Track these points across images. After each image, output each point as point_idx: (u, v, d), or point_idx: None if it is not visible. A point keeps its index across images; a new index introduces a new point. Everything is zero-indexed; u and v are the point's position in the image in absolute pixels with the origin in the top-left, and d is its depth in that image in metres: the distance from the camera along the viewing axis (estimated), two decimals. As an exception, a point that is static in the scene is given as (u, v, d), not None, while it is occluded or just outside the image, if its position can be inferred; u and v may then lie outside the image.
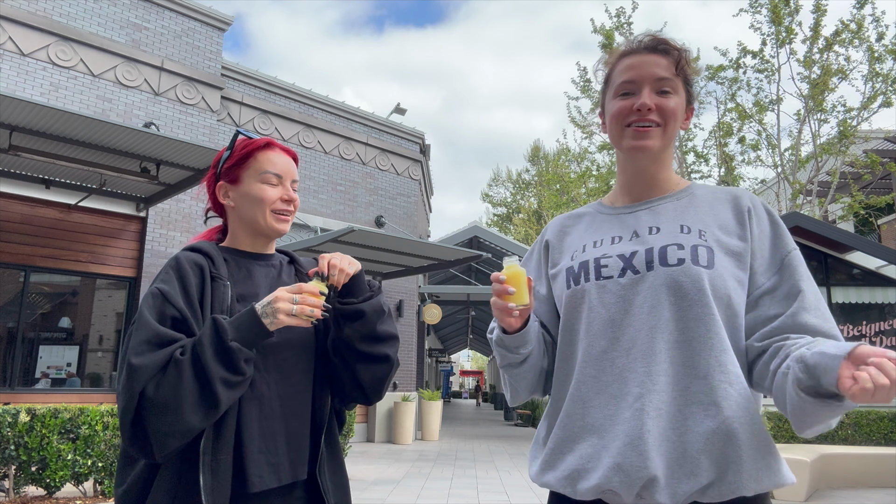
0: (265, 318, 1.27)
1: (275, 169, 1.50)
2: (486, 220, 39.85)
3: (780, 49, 14.50)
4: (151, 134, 7.22)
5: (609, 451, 1.17)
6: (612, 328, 1.23)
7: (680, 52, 1.32)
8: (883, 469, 7.65)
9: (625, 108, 1.31)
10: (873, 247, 10.00)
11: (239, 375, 1.24)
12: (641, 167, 1.35)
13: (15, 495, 5.56)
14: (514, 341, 1.29)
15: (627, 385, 1.18)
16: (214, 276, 1.40)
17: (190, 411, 1.20)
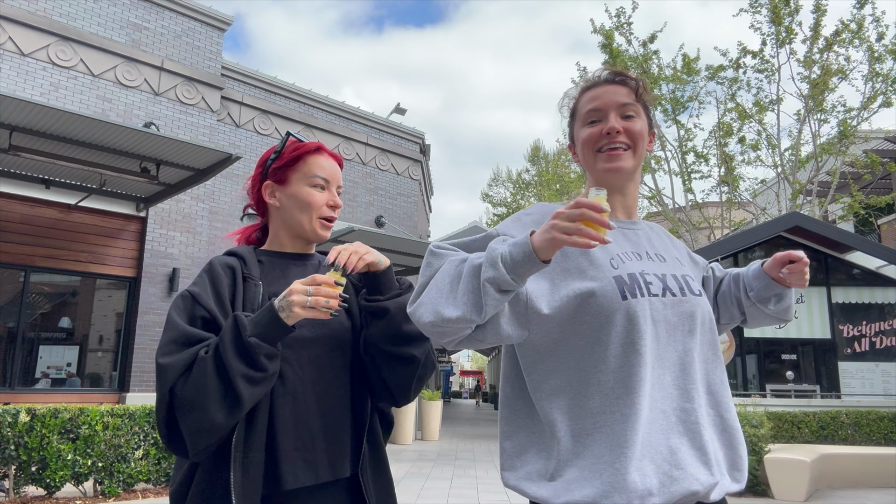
0: (282, 312, 1.25)
1: (323, 173, 1.51)
2: (486, 220, 39.84)
3: (780, 49, 14.51)
4: (151, 134, 7.22)
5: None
6: (658, 346, 1.25)
7: (637, 81, 1.42)
8: (883, 469, 7.65)
9: (594, 133, 1.38)
10: (873, 247, 10.00)
11: (260, 371, 1.24)
12: (619, 186, 1.41)
13: (15, 495, 5.57)
14: (534, 268, 1.09)
15: (689, 401, 1.25)
16: (246, 277, 1.41)
17: (214, 408, 1.21)
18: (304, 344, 1.38)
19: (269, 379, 1.26)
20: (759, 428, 7.29)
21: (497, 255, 1.09)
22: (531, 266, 1.08)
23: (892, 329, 10.12)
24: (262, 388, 1.26)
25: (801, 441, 8.45)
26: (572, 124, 1.48)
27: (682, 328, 1.27)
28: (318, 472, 1.34)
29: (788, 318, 1.50)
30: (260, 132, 12.15)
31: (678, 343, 1.26)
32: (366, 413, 1.46)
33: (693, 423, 1.22)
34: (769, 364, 10.32)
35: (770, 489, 7.04)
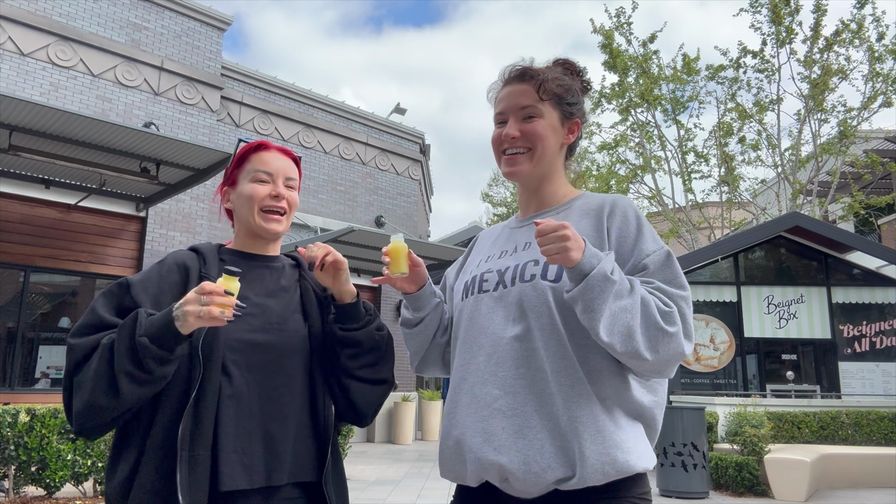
0: (177, 320, 1.23)
1: (265, 167, 1.51)
2: (486, 220, 39.83)
3: (781, 49, 14.50)
4: (151, 134, 7.22)
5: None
6: (483, 335, 1.38)
7: (541, 77, 1.43)
8: (883, 469, 7.64)
9: (497, 137, 1.47)
10: (873, 247, 10.00)
11: (144, 373, 1.22)
12: (527, 186, 1.50)
13: (15, 495, 5.56)
14: (410, 302, 1.49)
15: (486, 387, 1.34)
16: (203, 276, 1.41)
17: (98, 392, 1.24)
18: (253, 348, 1.38)
19: (156, 381, 1.25)
20: (759, 428, 7.29)
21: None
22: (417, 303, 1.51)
23: (892, 329, 10.11)
24: (147, 389, 1.25)
25: (802, 441, 8.45)
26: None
27: (508, 318, 1.35)
28: (253, 476, 1.32)
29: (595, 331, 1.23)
30: (260, 132, 12.14)
31: (501, 331, 1.35)
32: (329, 421, 1.45)
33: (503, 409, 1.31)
34: (769, 364, 10.31)
35: (770, 489, 7.03)
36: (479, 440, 1.32)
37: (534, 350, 1.31)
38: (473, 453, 1.32)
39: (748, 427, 7.32)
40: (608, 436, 1.25)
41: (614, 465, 1.23)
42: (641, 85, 15.34)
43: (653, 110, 15.65)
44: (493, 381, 1.34)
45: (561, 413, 1.26)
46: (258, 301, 1.45)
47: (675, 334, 1.24)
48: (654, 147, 16.06)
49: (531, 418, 1.28)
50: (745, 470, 7.11)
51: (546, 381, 1.29)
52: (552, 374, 1.29)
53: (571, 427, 1.25)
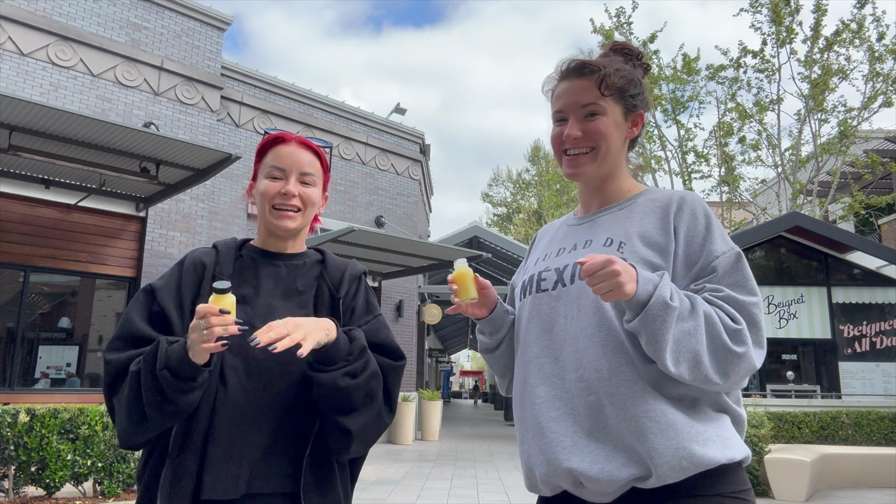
0: (190, 350, 1.21)
1: (279, 163, 1.46)
2: (487, 220, 39.84)
3: (781, 49, 14.50)
4: (151, 134, 7.21)
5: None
6: (545, 336, 1.35)
7: (604, 70, 1.33)
8: (883, 469, 7.64)
9: (557, 136, 1.39)
10: (873, 247, 9.99)
11: (168, 403, 1.23)
12: (589, 185, 1.44)
13: (15, 495, 5.56)
14: (485, 326, 1.47)
15: (550, 390, 1.31)
16: (217, 275, 1.40)
17: (131, 422, 1.27)
18: (256, 353, 1.31)
19: (181, 409, 1.25)
20: (759, 428, 7.29)
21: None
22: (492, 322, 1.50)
23: (892, 329, 10.11)
24: (174, 418, 1.27)
25: (802, 441, 8.45)
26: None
27: (569, 316, 1.31)
28: (238, 486, 1.29)
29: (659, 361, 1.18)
30: (260, 132, 12.14)
31: (557, 331, 1.32)
32: (310, 432, 1.36)
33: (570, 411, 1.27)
34: (769, 364, 10.31)
35: (770, 489, 7.03)
36: (545, 445, 1.27)
37: (596, 349, 1.25)
38: (542, 460, 1.28)
39: (748, 427, 7.32)
40: (681, 429, 1.17)
41: (692, 460, 1.15)
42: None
43: (653, 110, 15.65)
44: (557, 382, 1.30)
45: (629, 411, 1.20)
46: (266, 302, 1.41)
47: (744, 354, 1.18)
48: (654, 147, 16.06)
49: (598, 419, 1.23)
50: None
51: (610, 379, 1.23)
52: (616, 372, 1.23)
53: (640, 424, 1.18)
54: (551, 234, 1.55)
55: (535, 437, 1.30)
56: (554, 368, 1.31)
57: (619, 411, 1.21)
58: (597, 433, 1.23)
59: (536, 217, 34.09)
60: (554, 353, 1.32)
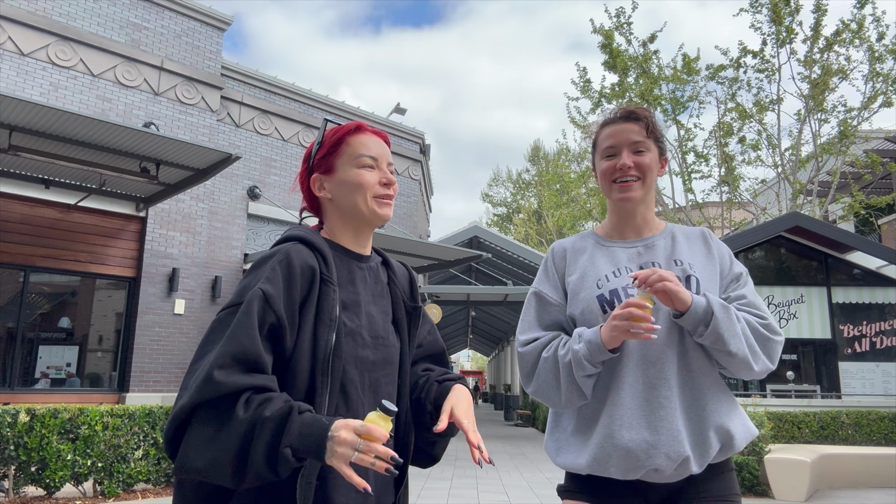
0: (326, 451, 1.10)
1: (369, 152, 1.39)
2: (486, 220, 39.85)
3: (781, 49, 14.49)
4: (151, 134, 7.21)
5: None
6: (644, 344, 1.55)
7: (648, 117, 1.68)
8: (883, 469, 7.64)
9: (609, 167, 1.66)
10: (873, 247, 9.99)
11: (274, 476, 1.12)
12: (631, 211, 1.70)
13: (15, 495, 5.56)
14: (606, 357, 1.52)
15: (658, 391, 1.53)
16: (325, 280, 1.28)
17: (221, 469, 1.10)
18: (367, 367, 1.30)
19: (280, 476, 1.14)
20: (759, 428, 7.29)
21: (580, 357, 1.51)
22: (603, 356, 1.50)
23: (892, 329, 10.11)
24: (264, 481, 1.14)
25: (802, 441, 8.45)
26: (594, 154, 1.74)
27: (662, 327, 1.54)
28: (368, 500, 1.27)
29: (725, 349, 1.51)
30: (260, 132, 12.14)
31: (656, 341, 1.54)
32: (410, 441, 1.38)
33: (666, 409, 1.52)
34: (769, 364, 10.31)
35: (770, 489, 7.03)
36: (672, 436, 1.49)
37: (676, 355, 1.55)
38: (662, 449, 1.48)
39: (748, 427, 7.32)
40: (741, 413, 1.59)
41: (750, 433, 1.59)
42: (641, 85, 15.34)
43: (653, 110, 15.65)
44: (657, 384, 1.52)
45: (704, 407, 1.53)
46: (368, 310, 1.35)
47: (781, 339, 1.58)
48: (654, 147, 16.03)
49: (674, 416, 1.50)
50: (745, 470, 7.11)
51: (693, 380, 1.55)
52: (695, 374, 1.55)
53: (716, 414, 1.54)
54: (589, 253, 1.72)
55: (654, 431, 1.50)
56: (648, 372, 1.54)
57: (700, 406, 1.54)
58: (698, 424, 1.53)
59: (536, 217, 34.08)
60: (651, 359, 1.54)
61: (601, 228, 1.78)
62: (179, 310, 10.13)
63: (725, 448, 1.54)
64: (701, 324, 1.49)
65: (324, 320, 1.24)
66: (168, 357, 9.90)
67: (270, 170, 12.11)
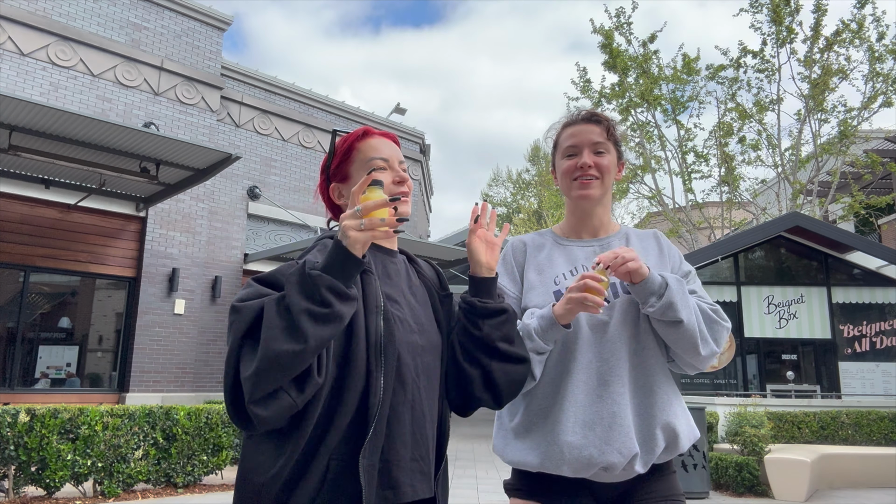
0: (344, 240, 1.15)
1: (379, 154, 1.43)
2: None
3: (781, 49, 14.49)
4: (151, 134, 7.21)
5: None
6: (597, 340, 1.58)
7: (609, 122, 1.73)
8: (883, 469, 7.64)
9: (571, 166, 1.70)
10: (873, 247, 9.99)
11: (323, 307, 1.10)
12: (589, 210, 1.74)
13: (15, 495, 5.56)
14: (559, 332, 1.53)
15: (611, 387, 1.55)
16: (365, 270, 1.31)
17: (277, 342, 1.08)
18: (418, 351, 1.33)
19: (336, 318, 1.12)
20: (759, 428, 7.28)
21: (530, 329, 1.51)
22: (556, 332, 1.51)
23: (892, 329, 10.11)
24: (329, 329, 1.12)
25: (802, 441, 8.45)
26: (554, 154, 1.78)
27: (617, 323, 1.58)
28: (432, 484, 1.28)
29: (675, 318, 1.52)
30: (260, 132, 12.14)
31: (608, 336, 1.57)
32: (447, 426, 1.42)
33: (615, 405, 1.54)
34: (769, 364, 10.31)
35: (770, 489, 7.03)
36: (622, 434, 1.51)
37: (635, 353, 1.58)
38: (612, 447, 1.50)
39: (748, 427, 7.31)
40: (687, 414, 1.62)
41: (694, 435, 1.61)
42: (641, 85, 15.34)
43: (653, 110, 15.65)
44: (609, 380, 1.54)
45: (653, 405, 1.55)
46: (407, 301, 1.39)
47: (729, 327, 1.63)
48: (654, 147, 16.06)
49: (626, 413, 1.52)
50: (745, 470, 7.10)
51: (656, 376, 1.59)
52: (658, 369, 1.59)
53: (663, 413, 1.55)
54: (547, 250, 1.75)
55: (607, 427, 1.50)
56: (604, 370, 1.56)
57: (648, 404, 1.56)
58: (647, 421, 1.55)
59: (536, 217, 34.08)
60: (605, 356, 1.56)
61: (559, 228, 1.82)
62: (179, 310, 10.13)
63: (670, 448, 1.55)
64: (654, 295, 1.51)
65: (370, 308, 1.27)
66: (168, 357, 9.90)
67: (270, 170, 12.11)
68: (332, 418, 1.20)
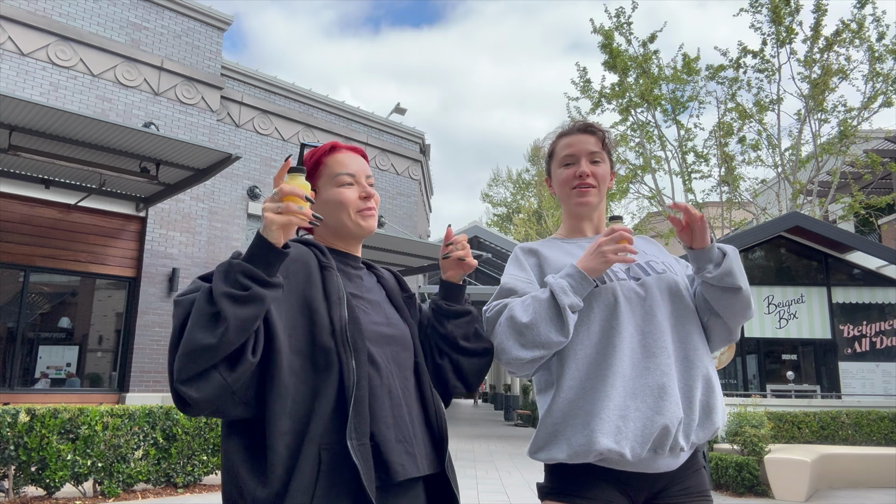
0: (264, 231, 1.18)
1: (347, 169, 1.47)
2: (487, 220, 39.84)
3: (781, 49, 14.49)
4: (151, 134, 7.21)
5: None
6: (638, 314, 1.60)
7: (603, 132, 1.78)
8: (883, 469, 7.64)
9: (569, 175, 1.75)
10: (873, 247, 9.99)
11: (243, 290, 1.14)
12: (587, 215, 1.79)
13: (15, 495, 5.56)
14: (589, 288, 1.56)
15: (658, 357, 1.56)
16: (325, 266, 1.36)
17: (200, 326, 1.13)
18: (386, 340, 1.40)
19: (255, 299, 1.15)
20: (759, 428, 7.28)
21: (562, 286, 1.52)
22: (587, 286, 1.54)
23: (892, 329, 10.11)
24: (249, 309, 1.14)
25: (802, 441, 8.45)
26: (549, 163, 1.84)
27: (651, 299, 1.61)
28: (419, 463, 1.33)
29: (737, 286, 1.58)
30: (260, 132, 12.14)
31: (646, 310, 1.60)
32: (443, 410, 1.48)
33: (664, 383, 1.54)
34: (769, 364, 10.31)
35: (770, 489, 7.03)
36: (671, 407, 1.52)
37: (676, 327, 1.62)
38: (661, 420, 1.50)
39: (748, 427, 7.31)
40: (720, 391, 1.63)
41: (725, 417, 1.67)
42: (641, 85, 15.34)
43: (653, 110, 15.66)
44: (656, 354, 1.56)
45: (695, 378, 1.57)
46: (372, 297, 1.46)
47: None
48: (654, 147, 16.06)
49: (672, 384, 1.54)
50: (745, 470, 7.11)
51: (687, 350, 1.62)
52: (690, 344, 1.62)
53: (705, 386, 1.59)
54: (557, 249, 1.77)
55: (657, 398, 1.51)
56: (649, 342, 1.58)
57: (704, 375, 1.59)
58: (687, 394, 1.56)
59: (536, 217, 34.07)
60: (647, 329, 1.59)
61: (561, 233, 1.86)
62: (179, 310, 10.13)
63: (705, 424, 1.56)
64: (712, 262, 1.58)
65: (333, 300, 1.32)
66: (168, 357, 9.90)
67: (270, 170, 12.11)
68: (313, 408, 1.23)
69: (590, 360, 1.55)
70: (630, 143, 16.17)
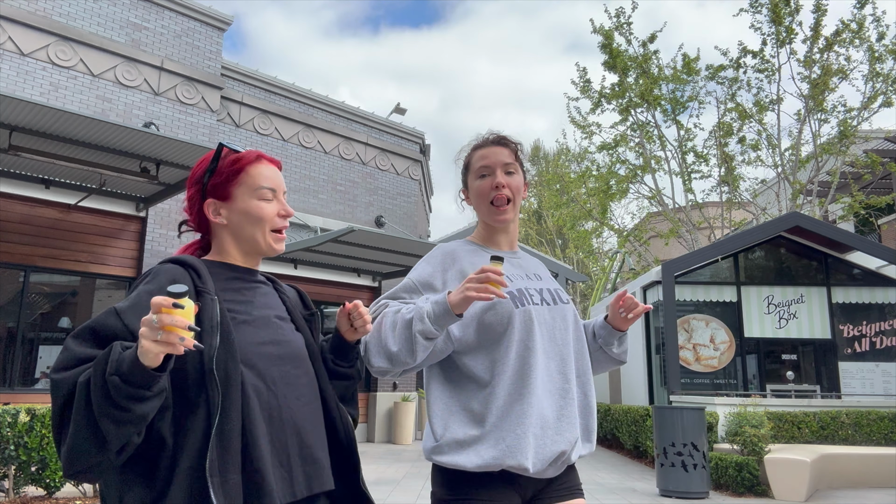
0: (141, 355, 1.09)
1: (269, 183, 1.45)
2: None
3: (781, 49, 14.50)
4: (151, 134, 7.21)
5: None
6: (550, 340, 1.70)
7: (516, 144, 1.85)
8: (883, 469, 7.64)
9: (485, 186, 1.79)
10: (873, 247, 9.99)
11: (123, 412, 1.09)
12: (502, 229, 1.85)
13: (15, 495, 5.56)
14: (451, 321, 1.56)
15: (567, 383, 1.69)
16: (200, 291, 1.31)
17: (81, 437, 1.12)
18: (272, 361, 1.35)
19: (137, 419, 1.11)
20: (759, 428, 7.29)
21: (423, 312, 1.53)
22: (449, 319, 1.54)
23: (892, 329, 10.11)
24: (129, 428, 1.12)
25: (802, 441, 8.45)
26: (466, 174, 1.87)
27: (560, 327, 1.73)
28: (294, 487, 1.31)
29: (624, 361, 1.92)
30: (260, 132, 12.15)
31: (557, 338, 1.71)
32: (350, 426, 1.47)
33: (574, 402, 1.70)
34: (769, 364, 10.31)
35: (770, 489, 7.03)
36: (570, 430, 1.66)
37: (578, 355, 1.77)
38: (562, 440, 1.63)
39: (748, 427, 7.32)
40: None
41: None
42: (641, 85, 15.35)
43: (653, 110, 15.66)
44: (563, 378, 1.69)
45: (590, 403, 1.74)
46: (261, 314, 1.41)
47: None
48: (654, 147, 16.06)
49: (574, 408, 1.68)
50: (745, 470, 7.11)
51: (584, 377, 1.77)
52: (586, 371, 1.77)
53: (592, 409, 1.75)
54: (471, 257, 1.81)
55: (564, 423, 1.64)
56: (560, 366, 1.70)
57: (589, 400, 1.75)
58: (587, 418, 1.74)
59: (536, 217, 34.07)
60: (563, 355, 1.72)
61: (476, 237, 1.90)
62: (179, 310, 10.13)
63: (587, 446, 1.73)
64: (620, 340, 1.88)
65: (205, 328, 1.25)
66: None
67: (270, 170, 12.12)
68: (183, 442, 1.20)
69: (508, 380, 1.61)
70: (630, 143, 16.18)
